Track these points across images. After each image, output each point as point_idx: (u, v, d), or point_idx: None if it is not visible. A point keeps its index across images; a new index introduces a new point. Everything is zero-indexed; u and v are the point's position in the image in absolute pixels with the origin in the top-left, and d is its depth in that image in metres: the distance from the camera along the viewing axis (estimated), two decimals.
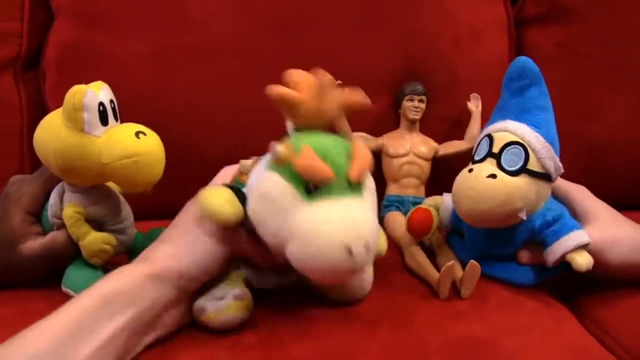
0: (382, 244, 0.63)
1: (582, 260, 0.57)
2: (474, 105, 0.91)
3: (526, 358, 0.51)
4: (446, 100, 0.92)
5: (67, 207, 0.58)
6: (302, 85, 0.51)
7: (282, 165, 0.49)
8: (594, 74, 0.94)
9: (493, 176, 0.60)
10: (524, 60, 0.63)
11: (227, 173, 0.60)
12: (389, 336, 0.54)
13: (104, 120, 0.55)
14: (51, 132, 0.55)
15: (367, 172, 0.52)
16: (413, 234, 0.70)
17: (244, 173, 0.56)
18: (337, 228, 0.47)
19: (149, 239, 0.66)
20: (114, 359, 0.46)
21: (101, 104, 0.55)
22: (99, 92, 0.55)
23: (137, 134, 0.56)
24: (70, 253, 0.60)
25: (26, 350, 0.42)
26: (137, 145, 0.55)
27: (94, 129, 0.54)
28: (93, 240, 0.58)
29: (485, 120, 0.89)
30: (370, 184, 0.53)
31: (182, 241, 0.53)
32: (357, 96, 0.54)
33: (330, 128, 0.53)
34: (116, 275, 0.50)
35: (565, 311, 0.62)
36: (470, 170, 0.62)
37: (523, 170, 0.60)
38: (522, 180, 0.60)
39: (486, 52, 0.95)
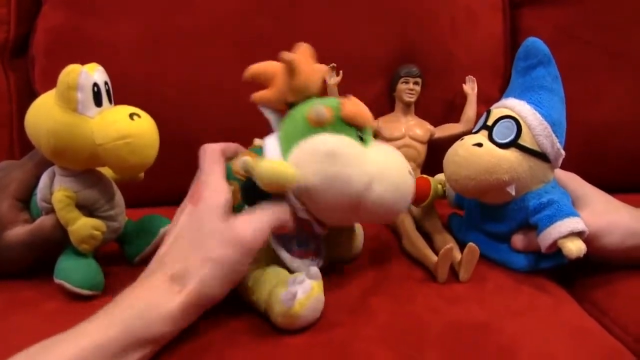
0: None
1: (573, 247, 0.57)
2: (470, 87, 0.90)
3: (526, 340, 0.51)
4: (442, 82, 0.92)
5: (57, 191, 0.57)
6: (274, 73, 0.57)
7: (322, 127, 0.52)
8: (591, 58, 0.94)
9: (479, 145, 0.61)
10: (532, 40, 0.63)
11: (217, 154, 0.56)
12: (388, 320, 0.53)
13: (97, 102, 0.54)
14: (43, 112, 0.54)
15: None
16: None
17: (247, 170, 0.53)
18: (398, 160, 0.57)
19: (139, 226, 0.65)
20: None
21: (95, 84, 0.54)
22: (94, 73, 0.54)
23: (131, 115, 0.55)
24: (58, 238, 0.58)
25: None
26: (131, 127, 0.54)
27: (87, 109, 0.54)
28: (82, 225, 0.57)
29: (481, 102, 0.89)
30: None
31: (213, 260, 0.48)
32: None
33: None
34: (148, 306, 0.46)
35: (564, 294, 0.62)
36: (461, 140, 0.64)
37: (513, 144, 0.60)
38: (510, 154, 0.60)
39: (482, 34, 0.95)
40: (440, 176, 0.73)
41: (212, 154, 0.55)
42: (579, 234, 0.58)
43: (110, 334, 0.43)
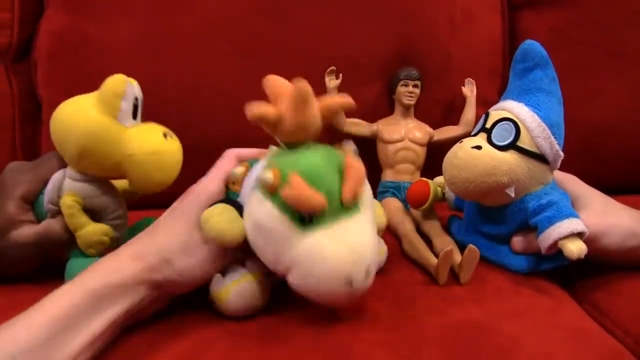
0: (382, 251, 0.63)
1: (574, 248, 0.56)
2: (469, 90, 0.90)
3: (526, 341, 0.51)
4: (440, 85, 0.92)
5: (65, 195, 0.58)
6: (280, 96, 0.51)
7: (272, 193, 0.48)
8: (588, 59, 0.94)
9: (478, 147, 0.61)
10: (529, 43, 0.63)
11: (225, 164, 0.59)
12: (389, 323, 0.53)
13: (134, 114, 0.57)
14: (80, 112, 0.56)
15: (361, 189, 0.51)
16: (411, 203, 0.73)
17: (235, 182, 0.56)
18: (336, 259, 0.47)
19: (133, 231, 0.65)
20: (99, 351, 0.46)
21: (136, 98, 0.57)
22: (135, 88, 0.58)
23: (164, 134, 0.58)
24: (65, 241, 0.59)
25: (9, 347, 0.41)
26: (164, 144, 0.57)
27: (125, 119, 0.56)
28: (91, 231, 0.58)
29: (479, 104, 0.89)
30: (366, 191, 0.52)
31: (178, 244, 0.52)
32: (338, 99, 0.53)
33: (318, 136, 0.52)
34: (104, 268, 0.49)
35: (565, 295, 0.62)
36: (460, 143, 0.64)
37: (512, 146, 0.60)
38: (509, 156, 0.60)
39: (480, 36, 0.95)
40: (440, 179, 0.73)
41: (224, 158, 0.59)
42: (579, 235, 0.58)
43: (75, 299, 0.45)
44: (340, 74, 0.85)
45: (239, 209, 0.52)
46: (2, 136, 0.89)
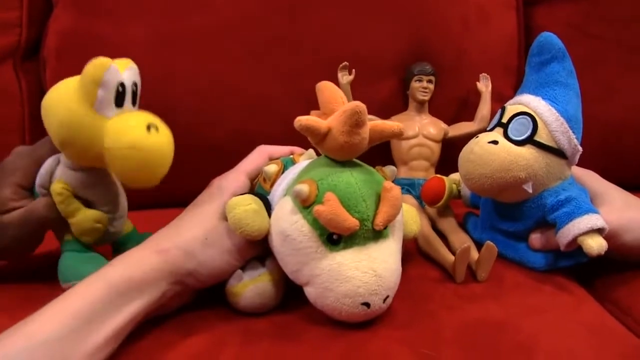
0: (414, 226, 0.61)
1: (594, 244, 0.56)
2: (484, 85, 0.90)
3: (546, 339, 0.50)
4: (455, 81, 0.91)
5: (56, 182, 0.56)
6: (332, 108, 0.50)
7: (305, 206, 0.48)
8: (604, 55, 0.93)
9: (495, 142, 0.60)
10: (546, 35, 0.62)
11: (254, 159, 0.59)
12: (406, 320, 0.53)
13: (118, 102, 0.51)
14: (62, 99, 0.52)
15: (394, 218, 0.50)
16: (426, 200, 0.72)
17: (266, 180, 0.56)
18: (358, 283, 0.48)
19: (141, 239, 0.64)
20: (120, 343, 0.47)
21: (121, 84, 0.51)
22: (124, 71, 0.52)
23: (148, 126, 0.50)
24: (52, 219, 0.56)
25: (33, 337, 0.41)
26: (145, 139, 0.50)
27: (105, 108, 0.50)
28: (84, 218, 0.56)
29: (494, 101, 0.88)
30: (398, 216, 0.52)
31: (201, 236, 0.52)
32: (390, 125, 0.51)
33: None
34: (126, 262, 0.50)
35: (584, 293, 0.60)
36: (476, 138, 0.63)
37: (529, 140, 0.59)
38: (526, 151, 0.59)
39: (494, 32, 0.95)
40: (455, 176, 0.72)
41: (254, 153, 0.61)
42: (599, 231, 0.57)
43: (97, 293, 0.45)
44: (353, 70, 0.84)
45: (267, 205, 0.52)
46: (11, 136, 0.88)
